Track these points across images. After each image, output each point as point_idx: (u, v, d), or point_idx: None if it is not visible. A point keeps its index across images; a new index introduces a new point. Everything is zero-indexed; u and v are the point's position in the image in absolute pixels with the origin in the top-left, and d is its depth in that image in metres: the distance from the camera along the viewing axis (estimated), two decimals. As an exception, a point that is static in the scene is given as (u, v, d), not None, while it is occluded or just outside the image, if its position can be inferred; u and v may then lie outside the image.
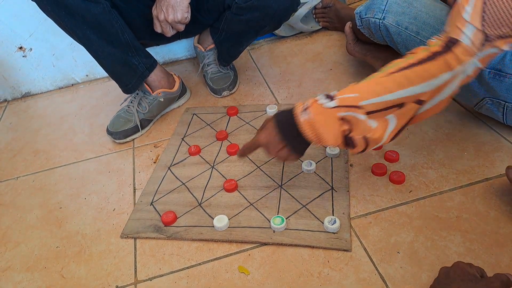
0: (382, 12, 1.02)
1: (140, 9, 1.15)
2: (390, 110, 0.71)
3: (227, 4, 1.15)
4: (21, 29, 1.41)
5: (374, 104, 0.70)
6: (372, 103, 0.70)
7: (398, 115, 0.72)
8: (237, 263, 0.80)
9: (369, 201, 0.87)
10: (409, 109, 0.71)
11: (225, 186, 0.94)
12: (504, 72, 0.85)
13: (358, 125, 0.72)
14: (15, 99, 1.54)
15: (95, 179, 1.08)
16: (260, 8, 1.10)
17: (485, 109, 0.95)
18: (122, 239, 0.89)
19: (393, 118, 0.72)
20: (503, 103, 0.90)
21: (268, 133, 0.77)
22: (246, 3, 1.09)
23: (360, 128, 0.72)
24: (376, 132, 0.72)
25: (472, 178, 0.88)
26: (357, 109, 0.70)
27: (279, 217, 0.83)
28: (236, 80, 1.35)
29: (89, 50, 1.11)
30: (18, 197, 1.07)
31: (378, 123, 0.72)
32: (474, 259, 0.72)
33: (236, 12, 1.13)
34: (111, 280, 0.81)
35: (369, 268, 0.75)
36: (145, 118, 1.20)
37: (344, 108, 0.70)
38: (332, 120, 0.71)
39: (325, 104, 0.71)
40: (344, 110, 0.71)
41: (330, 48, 1.47)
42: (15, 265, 0.88)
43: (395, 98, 0.69)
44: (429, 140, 1.00)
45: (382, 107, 0.70)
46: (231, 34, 1.22)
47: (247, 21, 1.14)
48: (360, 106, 0.70)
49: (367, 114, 0.71)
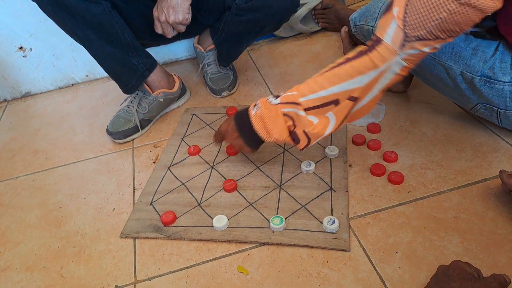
0: (375, 19, 1.03)
1: (140, 10, 1.15)
2: (328, 108, 0.78)
3: (227, 4, 1.15)
4: (21, 29, 1.41)
5: (311, 100, 0.78)
6: (309, 99, 0.78)
7: (336, 112, 0.78)
8: (236, 263, 0.80)
9: (368, 202, 0.87)
10: (344, 106, 0.77)
11: (224, 186, 0.95)
12: (494, 79, 0.86)
13: (299, 120, 0.80)
14: (15, 99, 1.54)
15: (95, 179, 1.08)
16: (260, 9, 1.10)
17: (480, 112, 0.96)
18: (122, 239, 0.89)
19: (332, 115, 0.79)
20: (496, 109, 0.91)
21: (228, 123, 0.91)
22: (246, 4, 1.10)
23: (301, 123, 0.80)
24: (316, 127, 0.80)
25: (470, 179, 0.89)
26: (297, 105, 0.79)
27: (278, 217, 0.84)
28: (236, 80, 1.35)
29: (89, 50, 1.11)
30: (17, 197, 1.07)
31: (319, 120, 0.79)
32: (472, 259, 0.73)
33: (236, 12, 1.13)
34: (110, 280, 0.81)
35: (367, 268, 0.75)
36: (145, 118, 1.21)
37: (286, 104, 0.80)
38: (277, 115, 0.81)
39: (271, 101, 0.82)
40: (286, 106, 0.80)
41: (330, 48, 1.47)
42: (14, 265, 0.88)
43: (328, 94, 0.76)
44: (427, 141, 1.00)
45: (318, 103, 0.77)
46: (231, 35, 1.22)
47: (247, 22, 1.14)
48: (299, 102, 0.79)
49: (305, 110, 0.79)
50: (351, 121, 0.83)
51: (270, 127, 0.82)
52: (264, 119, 0.82)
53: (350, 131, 1.07)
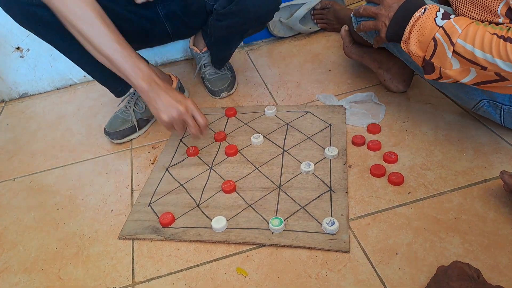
0: None
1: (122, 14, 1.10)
2: (474, 66, 0.76)
3: (209, 9, 1.13)
4: (18, 29, 1.39)
5: (464, 49, 0.75)
6: (463, 46, 0.75)
7: (479, 73, 0.77)
8: (235, 264, 0.80)
9: (368, 203, 0.87)
10: (489, 75, 0.76)
11: (223, 188, 0.94)
12: None
13: (442, 55, 0.78)
14: (12, 100, 1.53)
15: (93, 180, 1.07)
16: (239, 13, 1.07)
17: (482, 111, 0.95)
18: (120, 241, 0.89)
19: (474, 72, 0.77)
20: (500, 105, 0.90)
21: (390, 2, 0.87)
22: (224, 9, 1.06)
23: (442, 59, 0.79)
24: (453, 72, 0.79)
25: (470, 180, 0.88)
26: (450, 44, 0.76)
27: (277, 218, 0.83)
28: (234, 81, 1.35)
29: (72, 59, 1.08)
30: (15, 198, 1.06)
31: (460, 67, 0.78)
32: (473, 260, 0.72)
33: (216, 18, 1.11)
34: (108, 282, 0.81)
35: (367, 269, 0.75)
36: (142, 118, 1.20)
37: (443, 33, 0.77)
38: (429, 33, 0.79)
39: (437, 17, 0.79)
40: (441, 34, 0.77)
41: (329, 49, 1.47)
42: (12, 267, 0.87)
43: (481, 57, 0.73)
44: (428, 141, 1.00)
45: (468, 57, 0.75)
46: (218, 39, 1.20)
47: (228, 27, 1.11)
48: (454, 42, 0.76)
49: (453, 52, 0.76)
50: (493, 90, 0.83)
51: (413, 38, 0.81)
52: (416, 26, 0.80)
53: (350, 132, 1.06)
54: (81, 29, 0.87)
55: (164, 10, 1.15)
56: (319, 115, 1.13)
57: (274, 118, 1.15)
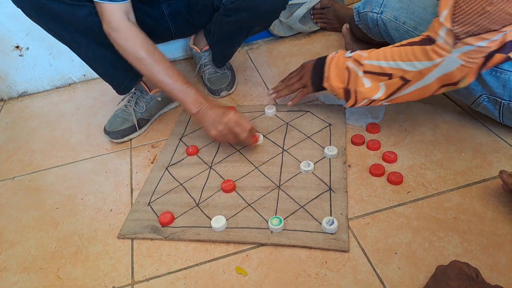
0: (380, 6, 1.03)
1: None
2: (382, 78, 0.87)
3: (216, 5, 1.13)
4: (17, 28, 1.40)
5: (372, 66, 0.88)
6: (371, 64, 0.88)
7: (387, 84, 0.87)
8: (234, 264, 0.80)
9: (367, 202, 0.87)
10: (394, 82, 0.86)
11: (223, 187, 0.94)
12: (501, 68, 0.85)
13: (355, 79, 0.91)
14: (11, 99, 1.53)
15: (92, 180, 1.07)
16: (247, 9, 1.08)
17: (482, 107, 0.95)
18: (119, 240, 0.88)
19: (383, 86, 0.88)
20: (500, 101, 0.90)
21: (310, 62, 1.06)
22: (233, 4, 1.07)
23: (355, 81, 0.91)
24: (366, 89, 0.90)
25: (469, 179, 0.88)
26: (360, 66, 0.90)
27: (277, 217, 0.83)
28: (234, 80, 1.35)
29: (78, 54, 1.08)
30: (14, 197, 1.06)
31: (371, 84, 0.89)
32: (472, 260, 0.72)
33: (224, 13, 1.11)
34: (108, 281, 0.81)
35: (367, 269, 0.75)
36: (142, 118, 1.20)
37: (353, 60, 0.91)
38: (343, 67, 0.93)
39: (346, 53, 0.95)
40: (352, 61, 0.92)
41: (329, 48, 1.47)
42: (11, 266, 0.87)
43: (386, 66, 0.86)
44: (427, 141, 1.00)
45: (376, 70, 0.87)
46: (223, 36, 1.20)
47: (235, 22, 1.12)
48: (363, 64, 0.89)
49: (364, 73, 0.89)
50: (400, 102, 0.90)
51: (332, 73, 0.96)
52: (332, 64, 0.96)
53: (349, 131, 1.06)
54: (140, 69, 0.98)
55: (169, 8, 1.15)
56: (319, 114, 1.13)
57: (274, 118, 1.15)
